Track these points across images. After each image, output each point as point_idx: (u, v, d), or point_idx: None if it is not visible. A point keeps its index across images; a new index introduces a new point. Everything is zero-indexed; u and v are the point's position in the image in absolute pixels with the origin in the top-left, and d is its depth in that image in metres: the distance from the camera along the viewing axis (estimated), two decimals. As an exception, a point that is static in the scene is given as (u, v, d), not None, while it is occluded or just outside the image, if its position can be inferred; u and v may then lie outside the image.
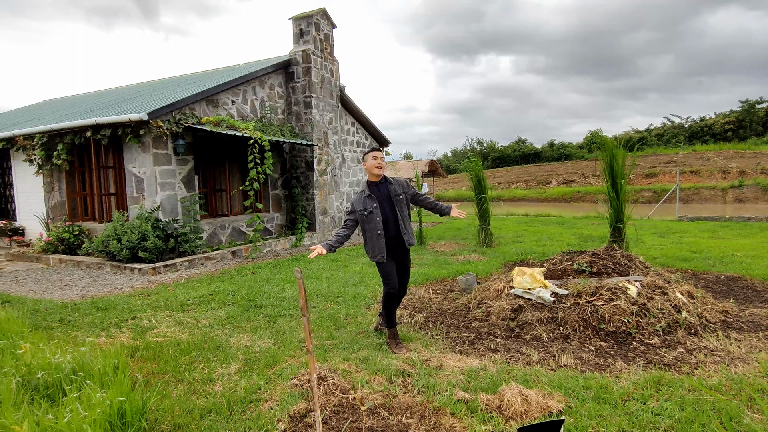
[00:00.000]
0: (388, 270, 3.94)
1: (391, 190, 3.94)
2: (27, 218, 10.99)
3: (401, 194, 3.95)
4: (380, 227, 3.84)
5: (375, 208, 3.85)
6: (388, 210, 3.90)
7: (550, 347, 3.93)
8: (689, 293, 4.82)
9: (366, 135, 15.63)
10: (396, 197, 3.92)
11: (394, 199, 3.91)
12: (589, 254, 5.45)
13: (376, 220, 3.84)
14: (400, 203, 3.92)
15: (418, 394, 3.01)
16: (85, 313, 5.05)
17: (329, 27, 12.33)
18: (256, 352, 3.83)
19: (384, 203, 3.90)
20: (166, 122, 8.56)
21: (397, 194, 3.94)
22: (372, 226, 3.87)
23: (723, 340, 3.98)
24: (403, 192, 3.98)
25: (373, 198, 3.89)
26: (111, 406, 2.34)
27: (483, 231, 9.84)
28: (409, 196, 4.05)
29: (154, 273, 7.75)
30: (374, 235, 3.87)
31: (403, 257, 4.06)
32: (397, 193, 3.94)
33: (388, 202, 3.91)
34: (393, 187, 3.96)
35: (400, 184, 4.02)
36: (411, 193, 4.05)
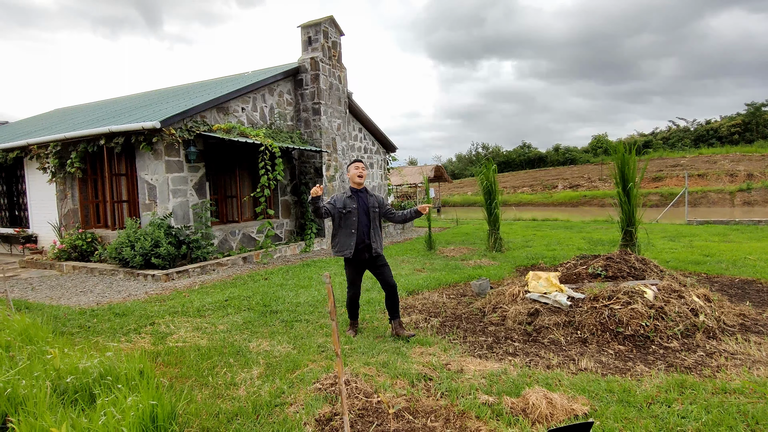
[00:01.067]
0: (353, 276, 4.45)
1: (369, 201, 4.42)
2: (40, 226, 11.11)
3: (376, 207, 4.42)
4: (354, 227, 4.30)
5: (354, 209, 4.32)
6: (363, 216, 4.35)
7: (568, 351, 3.94)
8: (706, 297, 4.81)
9: (373, 141, 15.71)
10: (372, 208, 4.39)
11: (371, 208, 4.41)
12: (603, 258, 5.45)
13: (353, 220, 4.30)
14: (375, 215, 4.42)
15: (441, 398, 3.02)
16: (104, 319, 5.11)
17: (337, 34, 12.45)
18: (276, 356, 3.86)
19: (361, 209, 4.36)
20: (178, 130, 8.65)
21: (373, 206, 4.42)
22: (347, 224, 4.31)
23: (743, 343, 3.97)
24: (378, 206, 4.48)
25: (353, 200, 4.36)
26: (143, 410, 2.37)
27: (493, 236, 9.84)
28: (382, 211, 4.51)
29: (167, 279, 7.81)
30: (347, 233, 4.31)
31: (373, 260, 4.43)
32: (374, 205, 4.44)
33: (364, 210, 4.37)
34: (372, 199, 4.44)
35: (378, 200, 4.51)
36: (384, 210, 4.54)
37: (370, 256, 4.40)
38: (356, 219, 4.31)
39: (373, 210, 4.41)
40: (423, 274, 7.44)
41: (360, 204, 4.37)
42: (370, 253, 4.38)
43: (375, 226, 4.42)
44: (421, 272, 7.72)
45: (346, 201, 4.36)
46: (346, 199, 4.38)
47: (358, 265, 4.44)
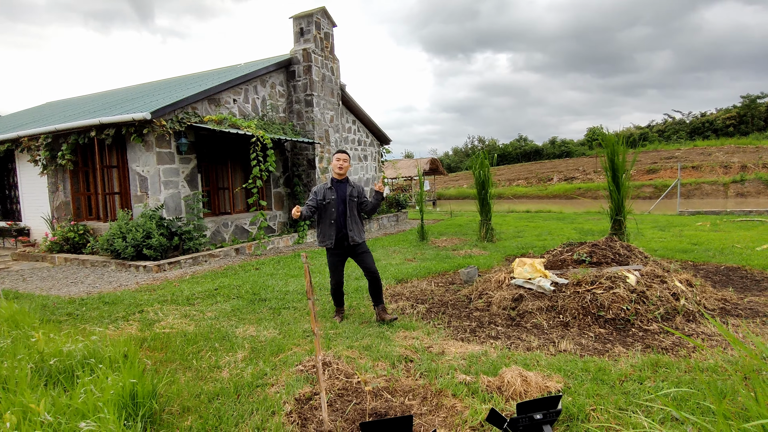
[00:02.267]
0: (334, 264, 4.51)
1: (348, 191, 4.47)
2: (32, 218, 11.09)
3: (354, 197, 4.47)
4: (333, 217, 4.38)
5: (333, 200, 4.39)
6: (341, 206, 4.42)
7: (550, 334, 4.00)
8: (688, 282, 4.88)
9: (367, 133, 15.70)
10: (350, 197, 4.44)
11: (348, 198, 4.43)
12: (589, 245, 5.51)
13: (331, 211, 4.38)
14: (352, 203, 4.47)
15: (421, 378, 3.08)
16: (93, 308, 5.14)
17: (329, 26, 12.41)
18: (262, 341, 3.91)
19: (339, 199, 4.43)
20: (168, 121, 8.64)
21: (351, 195, 4.46)
22: (327, 215, 4.40)
23: (724, 324, 4.03)
24: (357, 196, 4.51)
25: (332, 191, 4.44)
26: (123, 388, 2.42)
27: (484, 226, 9.90)
28: (360, 201, 4.53)
29: (158, 270, 7.84)
30: (327, 224, 4.41)
31: (353, 249, 4.50)
32: (351, 194, 4.48)
33: (342, 200, 4.44)
34: (350, 189, 4.49)
35: (357, 189, 4.55)
36: (360, 200, 4.54)
37: (349, 244, 4.44)
38: (335, 209, 4.38)
39: (351, 199, 4.45)
40: (413, 264, 7.50)
41: (339, 194, 4.42)
42: (349, 242, 4.43)
43: (352, 215, 4.45)
44: (412, 262, 7.77)
45: (326, 192, 4.43)
46: (326, 190, 4.44)
47: (340, 254, 4.49)
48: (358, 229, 4.51)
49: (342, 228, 4.41)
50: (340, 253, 4.51)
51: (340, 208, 4.41)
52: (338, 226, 4.41)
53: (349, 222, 4.42)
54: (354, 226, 4.47)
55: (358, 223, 4.53)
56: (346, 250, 4.50)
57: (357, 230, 4.50)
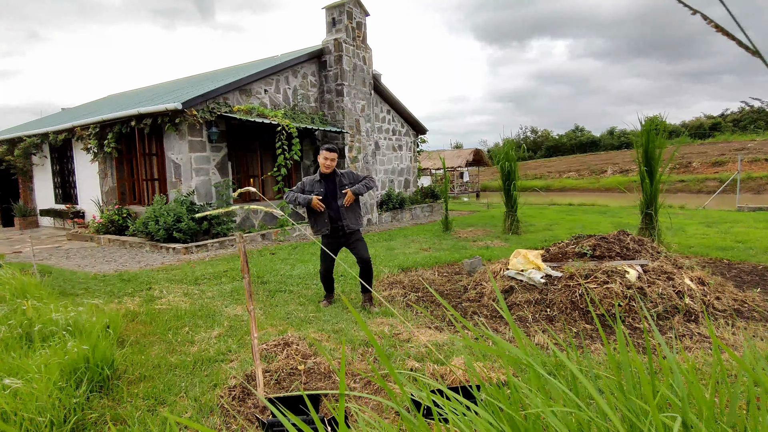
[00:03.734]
0: (325, 253, 4.53)
1: (337, 182, 4.47)
2: (86, 202, 12.06)
3: (347, 185, 4.42)
4: (324, 209, 4.37)
5: (321, 192, 4.39)
6: (333, 198, 4.42)
7: (529, 328, 3.86)
8: (700, 280, 4.51)
9: (402, 123, 15.63)
10: (341, 188, 4.40)
11: (339, 189, 4.40)
12: (596, 238, 5.22)
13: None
14: (343, 194, 4.40)
15: (374, 363, 3.09)
16: (109, 284, 5.55)
17: (362, 15, 12.42)
18: (243, 320, 4.06)
19: (330, 192, 4.43)
20: (200, 111, 9.06)
21: (342, 185, 4.42)
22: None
23: (723, 327, 3.72)
24: (350, 183, 4.44)
25: (321, 184, 4.44)
26: (78, 353, 2.62)
27: (509, 218, 9.62)
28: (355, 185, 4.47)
29: (186, 252, 8.29)
30: (316, 214, 4.43)
31: (346, 238, 4.51)
32: (343, 184, 4.43)
33: (333, 192, 4.44)
34: (340, 179, 4.47)
35: (350, 176, 4.52)
36: (357, 182, 4.51)
37: (344, 233, 4.46)
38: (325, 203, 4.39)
39: (342, 189, 4.42)
40: (426, 253, 7.44)
41: (329, 187, 4.43)
42: (344, 231, 4.45)
43: (348, 206, 4.43)
44: (427, 251, 7.71)
45: (315, 185, 4.44)
46: (314, 183, 4.46)
47: (333, 243, 4.52)
48: (354, 217, 4.50)
49: (337, 219, 4.42)
50: (334, 242, 4.52)
51: (333, 202, 4.41)
52: (332, 217, 4.42)
53: (343, 211, 4.41)
54: (350, 214, 4.45)
55: (355, 210, 4.52)
56: (340, 238, 4.51)
57: (353, 218, 4.49)
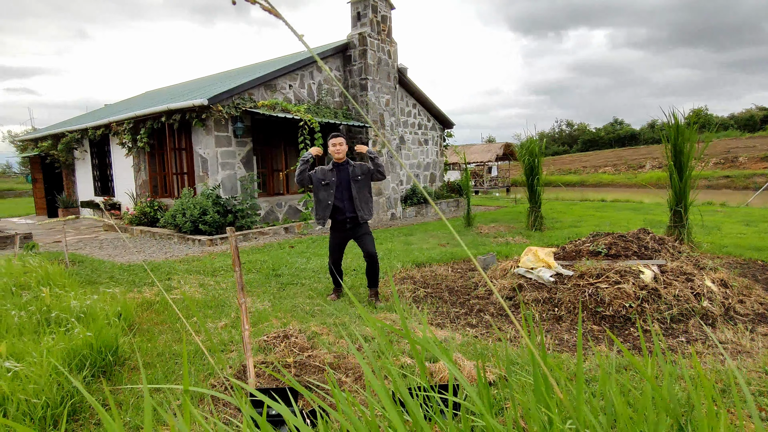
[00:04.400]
0: (333, 245, 4.58)
1: (351, 172, 4.42)
2: (122, 194, 12.61)
3: (360, 175, 4.41)
4: (331, 199, 4.39)
5: (332, 182, 4.41)
6: (345, 188, 4.41)
7: (536, 327, 3.78)
8: (722, 282, 4.29)
9: (428, 117, 15.51)
10: (354, 178, 4.40)
11: (352, 179, 4.39)
12: (614, 236, 5.04)
13: (330, 192, 4.40)
14: (359, 183, 4.44)
15: (377, 358, 3.10)
16: (133, 273, 5.80)
17: (387, 8, 12.37)
18: (250, 312, 4.16)
19: (342, 181, 4.42)
20: (225, 107, 9.29)
21: (356, 175, 4.42)
22: (324, 196, 4.42)
23: (741, 333, 3.53)
24: (362, 174, 4.43)
25: (333, 173, 4.45)
26: (84, 340, 2.76)
27: (533, 214, 9.42)
28: (370, 175, 4.49)
29: (210, 244, 8.55)
30: (324, 204, 4.42)
31: (353, 230, 4.50)
32: (356, 174, 4.42)
33: (346, 181, 4.42)
34: (353, 169, 4.42)
35: (362, 168, 4.51)
36: (372, 173, 4.50)
37: (353, 226, 4.46)
38: (333, 191, 4.39)
39: (355, 180, 4.41)
40: (443, 249, 7.39)
41: (341, 176, 4.42)
42: (354, 222, 4.44)
43: (361, 195, 4.44)
44: (444, 247, 7.66)
45: (327, 173, 4.44)
46: (327, 171, 4.46)
47: (341, 235, 4.53)
48: (367, 208, 4.49)
49: (346, 210, 4.40)
50: (341, 234, 4.54)
51: (345, 193, 4.40)
52: (343, 208, 4.40)
53: (357, 203, 4.40)
54: (361, 205, 4.43)
55: (368, 202, 4.51)
56: (347, 231, 4.51)
57: (365, 209, 4.47)
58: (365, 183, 4.50)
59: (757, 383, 2.62)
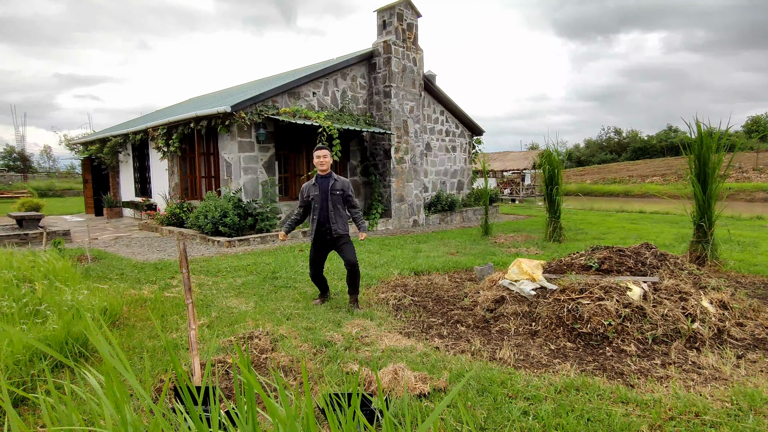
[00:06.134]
0: (313, 256, 4.64)
1: (331, 185, 4.45)
2: (157, 196, 13.31)
3: (338, 191, 4.46)
4: (316, 213, 4.49)
5: (316, 196, 4.50)
6: (325, 201, 4.48)
7: (507, 341, 3.68)
8: (722, 303, 4.01)
9: (457, 124, 15.39)
10: (332, 191, 4.44)
11: (331, 192, 4.44)
12: (611, 250, 4.83)
13: (315, 206, 4.51)
14: (335, 198, 4.50)
15: (327, 363, 3.14)
16: (142, 271, 6.13)
17: (413, 16, 12.42)
18: (233, 312, 4.31)
19: (323, 194, 4.49)
20: (248, 113, 9.64)
21: (334, 189, 4.45)
22: (312, 210, 4.54)
23: (727, 358, 3.29)
24: (341, 190, 4.47)
25: (316, 187, 4.53)
26: (53, 332, 2.97)
27: (551, 225, 9.13)
28: (344, 196, 4.52)
29: (228, 245, 8.87)
30: (312, 219, 4.54)
31: (332, 243, 4.56)
32: (335, 188, 4.46)
33: (325, 194, 4.49)
34: (334, 183, 4.46)
35: (342, 183, 4.56)
36: (346, 195, 4.52)
37: (331, 237, 4.52)
38: (318, 206, 4.47)
39: (333, 193, 4.47)
40: (450, 257, 7.31)
41: (322, 188, 4.49)
42: (331, 235, 4.50)
43: (335, 209, 4.48)
44: (452, 255, 7.57)
45: (311, 189, 4.55)
46: (310, 186, 4.56)
47: (321, 246, 4.60)
48: (341, 222, 4.52)
49: (324, 222, 4.46)
50: (322, 247, 4.59)
51: (323, 203, 4.47)
52: (320, 220, 4.47)
53: (331, 215, 4.45)
54: (337, 218, 4.49)
55: (342, 216, 4.54)
56: (328, 243, 4.57)
57: (340, 223, 4.51)
58: (341, 198, 4.52)
59: (715, 413, 2.45)
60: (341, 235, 4.53)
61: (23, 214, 10.53)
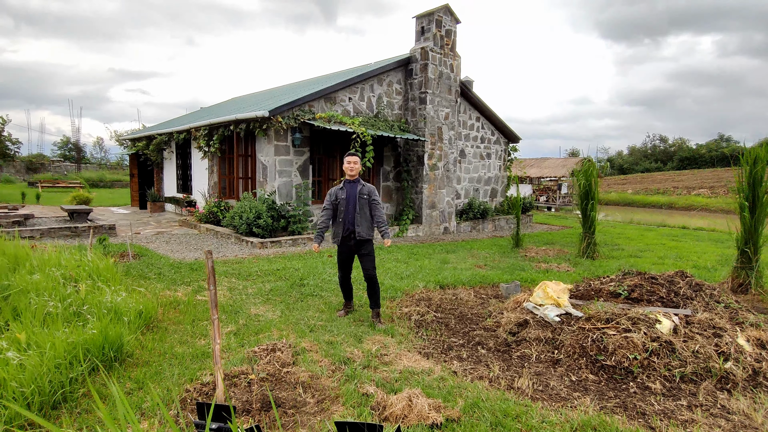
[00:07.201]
0: (340, 260, 4.79)
1: (359, 190, 4.61)
2: (197, 194, 13.82)
3: (365, 195, 4.62)
4: (342, 216, 4.64)
5: (343, 199, 4.65)
6: (352, 204, 4.63)
7: (528, 368, 3.65)
8: (759, 341, 3.83)
9: (492, 131, 15.20)
10: (360, 195, 4.59)
11: (359, 195, 4.59)
12: (642, 277, 4.68)
13: (341, 209, 4.64)
14: (362, 201, 4.62)
15: (345, 381, 3.21)
16: (179, 271, 6.40)
17: (452, 22, 12.36)
18: (260, 320, 4.45)
19: (350, 198, 4.64)
20: (285, 118, 9.87)
21: (362, 194, 4.61)
22: (339, 213, 4.67)
23: (759, 404, 3.14)
24: (368, 194, 4.63)
25: (344, 190, 4.68)
26: (95, 336, 3.18)
27: (585, 240, 8.89)
28: (370, 200, 4.65)
29: (261, 246, 9.12)
30: (338, 222, 4.67)
31: (356, 247, 4.68)
32: (362, 193, 4.61)
33: (353, 198, 4.64)
34: (361, 188, 4.62)
35: (369, 188, 4.72)
36: (371, 198, 4.66)
37: (355, 242, 4.64)
38: (344, 209, 4.60)
39: (360, 196, 4.61)
40: (478, 271, 7.26)
41: (350, 192, 4.63)
42: (355, 238, 4.62)
43: (362, 212, 4.61)
44: (480, 269, 7.52)
45: (338, 192, 4.68)
46: (338, 191, 4.69)
47: (345, 250, 4.72)
48: (366, 225, 4.65)
49: (350, 224, 4.60)
50: (345, 251, 4.72)
51: (349, 206, 4.61)
52: (345, 224, 4.62)
53: (357, 218, 4.60)
54: (363, 221, 4.62)
55: (367, 219, 4.67)
56: (352, 247, 4.69)
57: (365, 226, 4.64)
58: (367, 202, 4.67)
59: (739, 467, 2.36)
60: (364, 239, 4.64)
61: (74, 207, 11.18)
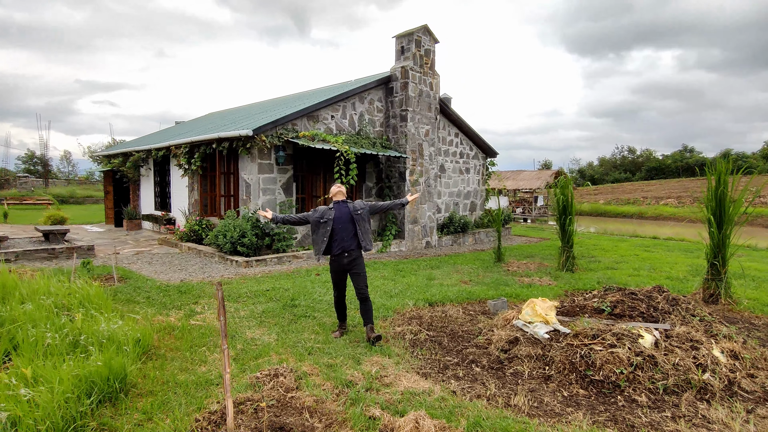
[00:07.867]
0: (335, 281, 4.93)
1: (351, 208, 4.79)
2: (177, 211, 13.66)
3: (360, 210, 4.78)
4: (327, 235, 4.73)
5: (330, 219, 4.75)
6: (345, 222, 4.75)
7: (522, 385, 3.81)
8: (733, 352, 4.11)
9: (471, 146, 15.59)
10: (355, 213, 4.77)
11: (354, 214, 4.76)
12: (623, 293, 4.94)
13: (327, 229, 4.74)
14: (360, 217, 4.76)
15: (351, 405, 3.30)
16: (167, 294, 6.36)
17: (431, 42, 12.71)
18: (256, 344, 4.50)
19: (343, 216, 4.77)
20: (268, 137, 9.94)
21: (356, 210, 4.78)
22: (322, 232, 4.78)
23: (737, 413, 3.38)
24: (362, 208, 4.80)
25: (332, 210, 4.80)
26: (98, 367, 3.18)
27: (564, 254, 9.22)
28: (368, 209, 4.88)
29: (246, 266, 9.10)
30: (321, 240, 4.78)
31: (349, 264, 4.78)
32: (356, 209, 4.78)
33: (347, 215, 4.77)
34: (353, 206, 4.79)
35: (360, 204, 4.90)
36: (369, 206, 4.89)
37: (350, 259, 4.76)
38: (330, 229, 4.72)
39: (356, 214, 4.77)
40: (463, 287, 7.44)
41: (340, 213, 4.77)
42: (351, 255, 4.75)
43: (363, 228, 4.80)
44: (465, 284, 7.70)
45: (325, 211, 4.82)
46: (326, 210, 4.83)
47: (338, 269, 4.83)
48: (368, 238, 4.85)
49: (345, 244, 4.71)
50: (339, 268, 4.84)
51: (347, 224, 4.74)
52: (338, 243, 4.72)
53: (360, 234, 4.77)
54: (365, 237, 4.82)
55: (368, 233, 4.87)
56: (344, 265, 4.80)
57: (368, 240, 4.84)
58: (364, 216, 4.87)
59: (722, 475, 2.56)
60: (360, 256, 4.80)
61: (50, 228, 10.89)
